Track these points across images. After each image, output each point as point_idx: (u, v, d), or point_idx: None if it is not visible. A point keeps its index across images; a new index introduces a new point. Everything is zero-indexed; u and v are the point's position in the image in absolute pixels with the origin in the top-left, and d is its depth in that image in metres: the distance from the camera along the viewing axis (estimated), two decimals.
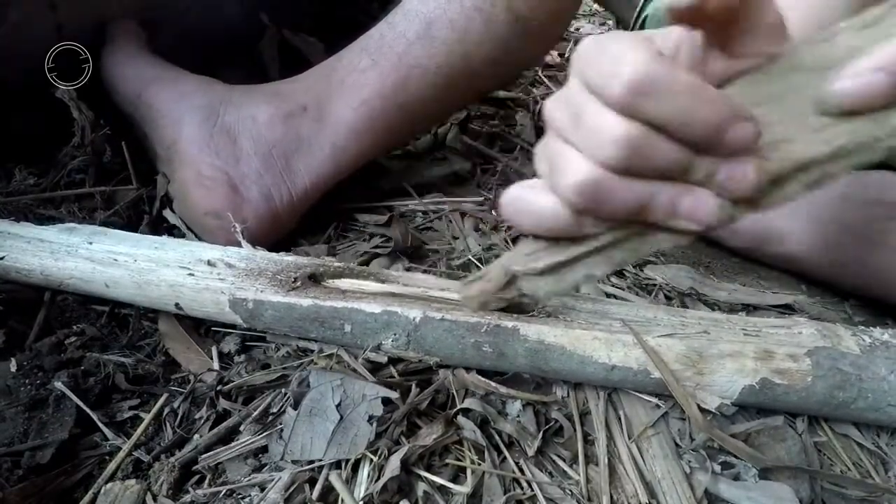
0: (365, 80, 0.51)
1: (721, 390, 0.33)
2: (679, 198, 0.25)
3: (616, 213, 0.26)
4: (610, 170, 0.25)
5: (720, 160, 0.25)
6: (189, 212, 0.49)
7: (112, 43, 0.55)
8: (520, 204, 0.29)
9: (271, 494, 0.30)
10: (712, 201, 0.25)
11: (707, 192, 0.25)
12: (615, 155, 0.24)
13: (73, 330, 0.39)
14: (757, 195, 0.25)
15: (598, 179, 0.25)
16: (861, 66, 0.23)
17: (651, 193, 0.25)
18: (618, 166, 0.25)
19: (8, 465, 0.31)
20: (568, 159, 0.26)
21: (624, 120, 0.24)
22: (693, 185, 0.25)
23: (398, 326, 0.35)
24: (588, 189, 0.25)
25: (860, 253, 0.48)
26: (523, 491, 0.31)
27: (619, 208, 0.26)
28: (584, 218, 0.27)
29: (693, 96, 0.23)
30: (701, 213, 0.26)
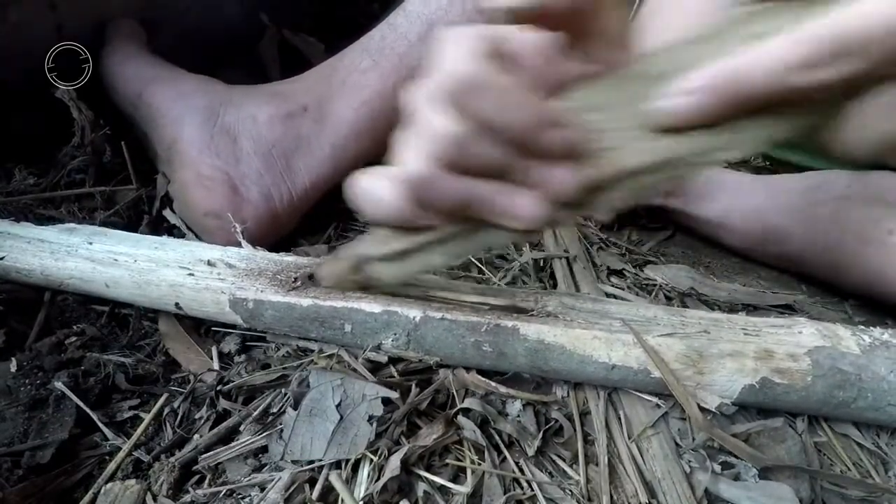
0: (366, 81, 0.51)
1: (721, 390, 0.33)
2: (501, 196, 0.27)
3: (443, 207, 0.27)
4: (438, 165, 0.26)
5: (543, 163, 0.26)
6: (189, 212, 0.49)
7: (112, 43, 0.55)
8: (362, 191, 0.29)
9: (271, 494, 0.30)
10: (534, 202, 0.26)
11: (530, 192, 0.26)
12: (441, 151, 0.26)
13: (73, 330, 0.39)
14: (580, 199, 0.26)
15: (423, 174, 0.26)
16: (679, 86, 0.24)
17: (474, 190, 0.27)
18: (445, 162, 0.26)
19: (8, 465, 0.31)
20: (404, 151, 0.27)
21: (448, 117, 0.25)
22: (518, 185, 0.26)
23: (398, 326, 0.35)
24: (416, 182, 0.27)
25: (860, 253, 0.48)
26: (523, 491, 0.31)
27: (445, 203, 0.27)
28: (419, 209, 0.28)
29: (508, 99, 0.24)
30: (523, 212, 0.27)
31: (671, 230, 0.63)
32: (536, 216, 0.26)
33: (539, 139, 0.25)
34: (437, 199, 0.27)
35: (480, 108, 0.24)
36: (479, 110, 0.24)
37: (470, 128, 0.25)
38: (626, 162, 0.26)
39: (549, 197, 0.26)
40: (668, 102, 0.24)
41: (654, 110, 0.24)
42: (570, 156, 0.26)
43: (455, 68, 0.24)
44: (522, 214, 0.27)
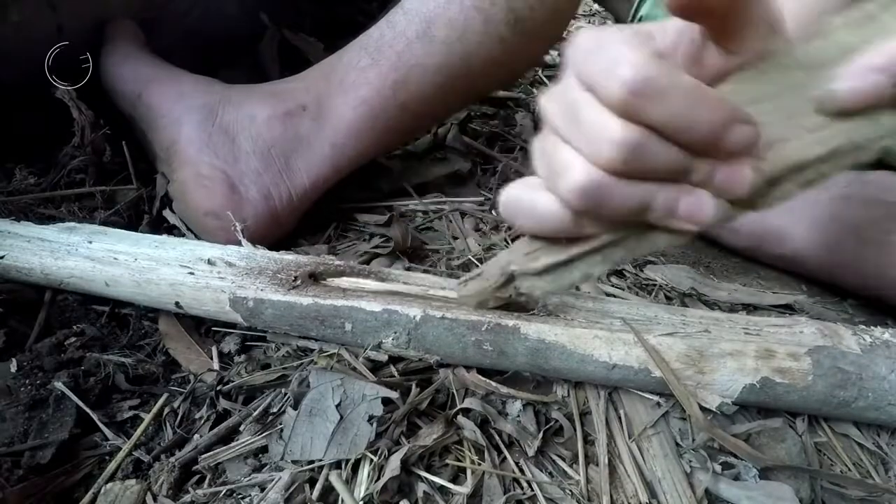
0: (365, 79, 0.51)
1: (722, 389, 0.33)
2: (677, 199, 0.26)
3: (615, 214, 0.26)
4: (609, 172, 0.25)
5: (718, 161, 0.25)
6: (189, 212, 0.49)
7: (112, 43, 0.55)
8: (519, 204, 0.28)
9: (271, 494, 0.30)
10: (710, 202, 0.25)
11: (705, 192, 0.25)
12: (615, 158, 0.24)
13: (73, 330, 0.39)
14: (753, 195, 0.25)
15: (597, 182, 0.25)
16: (859, 65, 0.23)
17: (650, 195, 0.25)
18: (617, 169, 0.24)
19: (8, 465, 0.31)
20: (566, 160, 0.26)
21: (623, 122, 0.24)
22: (691, 185, 0.25)
23: (398, 325, 0.35)
24: (588, 192, 0.25)
25: (860, 253, 0.48)
26: (523, 491, 0.31)
27: (619, 210, 0.26)
28: (584, 219, 0.27)
29: (693, 99, 0.23)
30: (699, 213, 0.26)
31: None
32: (713, 216, 0.26)
33: (725, 138, 0.24)
34: (612, 208, 0.26)
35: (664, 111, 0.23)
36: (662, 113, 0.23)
37: (650, 132, 0.24)
38: (798, 153, 0.25)
39: (725, 195, 0.25)
40: (846, 83, 0.23)
41: (828, 94, 0.23)
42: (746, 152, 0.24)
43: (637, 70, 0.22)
44: (699, 216, 0.26)
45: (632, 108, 0.23)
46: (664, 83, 0.23)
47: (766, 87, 0.26)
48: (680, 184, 0.25)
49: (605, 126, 0.24)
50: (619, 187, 0.25)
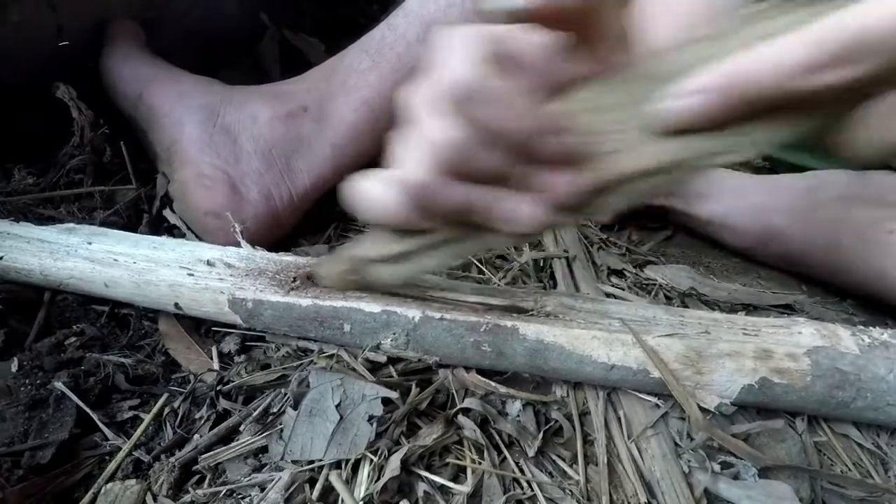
0: (365, 81, 0.51)
1: (720, 390, 0.33)
2: (500, 202, 0.27)
3: (443, 212, 0.27)
4: (438, 170, 0.26)
5: (542, 168, 0.26)
6: (189, 212, 0.49)
7: (112, 43, 0.55)
8: (361, 194, 0.29)
9: (271, 494, 0.30)
10: (532, 207, 0.26)
11: (529, 197, 0.26)
12: (442, 157, 0.25)
13: (73, 330, 0.39)
14: (581, 202, 0.26)
15: (422, 181, 0.26)
16: (684, 86, 0.23)
17: (472, 196, 0.27)
18: (445, 168, 0.26)
19: (8, 465, 0.31)
20: (402, 154, 0.27)
21: (450, 123, 0.25)
22: (517, 190, 0.26)
23: (397, 326, 0.35)
24: (412, 187, 0.26)
25: (860, 253, 0.48)
26: (523, 491, 0.31)
27: (446, 208, 0.27)
28: (418, 213, 0.28)
29: (509, 106, 0.24)
30: (518, 217, 0.26)
31: (671, 230, 0.63)
32: (536, 221, 0.26)
33: (539, 146, 0.25)
34: (438, 205, 0.27)
35: (481, 115, 0.24)
36: (480, 117, 0.24)
37: (471, 134, 0.25)
38: (629, 165, 0.26)
39: (550, 202, 0.26)
40: (672, 104, 0.24)
41: (659, 111, 0.24)
42: (570, 161, 0.25)
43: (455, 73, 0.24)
44: (522, 219, 0.26)
45: (452, 108, 0.24)
46: (480, 88, 0.24)
47: (611, 97, 0.26)
48: (505, 188, 0.26)
49: (434, 125, 0.25)
50: (444, 186, 0.26)
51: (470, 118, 0.24)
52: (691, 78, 0.23)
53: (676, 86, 0.23)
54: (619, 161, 0.26)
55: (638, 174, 0.26)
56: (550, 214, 0.26)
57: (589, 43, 0.27)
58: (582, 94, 0.27)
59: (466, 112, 0.24)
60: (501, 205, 0.27)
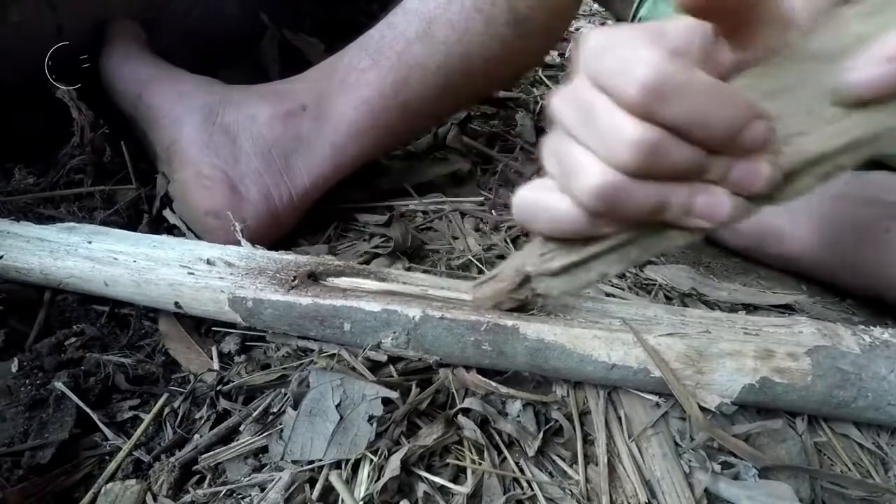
0: (365, 80, 0.51)
1: (721, 389, 0.33)
2: (694, 197, 0.25)
3: (631, 215, 0.26)
4: (626, 173, 0.24)
5: (734, 158, 0.25)
6: (189, 211, 0.49)
7: (112, 43, 0.55)
8: (533, 207, 0.28)
9: (271, 494, 0.30)
10: (727, 199, 0.25)
11: (722, 189, 0.25)
12: (631, 158, 0.24)
13: (73, 330, 0.39)
14: (771, 190, 0.25)
15: (613, 183, 0.25)
16: (873, 55, 0.22)
17: (666, 194, 0.25)
18: (634, 170, 0.24)
19: (8, 465, 0.31)
20: (581, 162, 0.25)
21: (639, 122, 0.23)
22: (707, 183, 0.25)
23: (398, 325, 0.35)
24: (604, 194, 0.25)
25: (860, 252, 0.48)
26: (523, 491, 0.31)
27: (635, 211, 0.25)
28: (599, 220, 0.27)
29: (710, 97, 0.23)
30: (716, 211, 0.25)
31: None
32: (731, 213, 0.25)
33: (742, 135, 0.23)
34: (627, 208, 0.25)
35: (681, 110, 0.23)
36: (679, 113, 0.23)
37: (664, 132, 0.23)
38: (816, 146, 0.24)
39: (743, 192, 0.25)
40: (860, 74, 0.23)
41: (844, 84, 0.23)
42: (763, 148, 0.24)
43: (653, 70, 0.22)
44: (719, 212, 0.25)
45: (648, 107, 0.23)
46: (680, 81, 0.22)
47: (782, 81, 0.25)
48: (696, 182, 0.25)
49: (620, 127, 0.24)
50: (635, 188, 0.25)
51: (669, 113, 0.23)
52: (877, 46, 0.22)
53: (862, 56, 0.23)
54: (806, 143, 0.25)
55: (827, 154, 0.25)
56: (743, 205, 0.25)
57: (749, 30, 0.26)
58: (747, 80, 0.26)
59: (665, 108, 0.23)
60: (694, 200, 0.25)
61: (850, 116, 0.24)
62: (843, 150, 0.24)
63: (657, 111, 0.23)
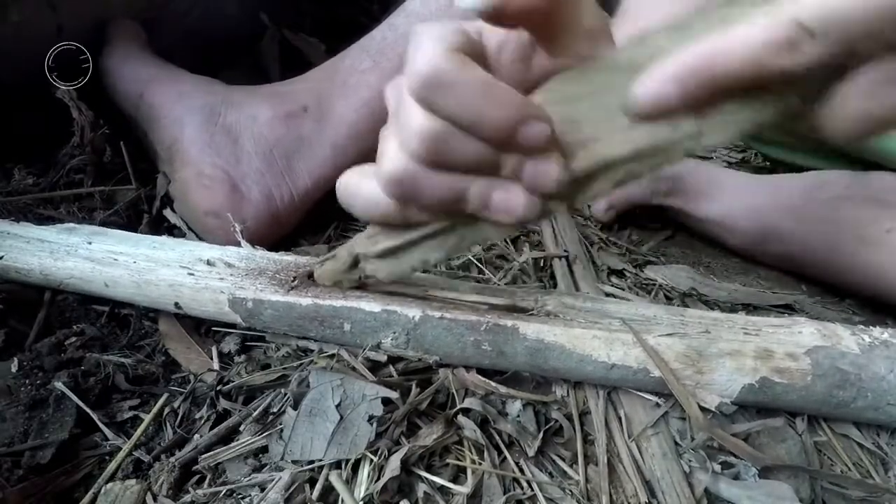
0: (366, 81, 0.51)
1: (721, 389, 0.33)
2: (489, 192, 0.27)
3: (431, 204, 0.27)
4: (419, 162, 0.26)
5: (526, 157, 0.26)
6: (190, 212, 0.49)
7: (112, 43, 0.55)
8: (350, 189, 0.29)
9: (271, 494, 0.30)
10: (521, 196, 0.26)
11: (516, 186, 0.26)
12: (418, 147, 0.25)
13: (73, 330, 0.39)
14: (566, 191, 0.26)
15: (408, 171, 0.26)
16: (654, 74, 0.23)
17: (462, 187, 0.26)
18: (424, 159, 0.26)
19: (8, 465, 0.31)
20: (387, 148, 0.27)
21: (425, 113, 0.25)
22: (504, 179, 0.26)
23: (397, 325, 0.35)
24: (399, 180, 0.26)
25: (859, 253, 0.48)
26: (523, 491, 0.31)
27: (433, 199, 0.27)
28: (407, 207, 0.28)
29: (482, 94, 0.24)
30: (511, 206, 0.27)
31: (671, 230, 0.63)
32: (525, 210, 0.26)
33: (518, 133, 0.25)
34: (424, 196, 0.27)
35: (455, 103, 0.24)
36: (453, 106, 0.24)
37: (446, 124, 0.25)
38: (608, 152, 0.26)
39: (536, 190, 0.26)
40: (644, 90, 0.24)
41: (631, 98, 0.24)
42: (551, 148, 0.25)
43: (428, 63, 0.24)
44: (511, 209, 0.27)
45: (426, 98, 0.24)
46: (453, 77, 0.23)
47: (584, 88, 0.26)
48: (493, 177, 0.26)
49: (410, 116, 0.25)
50: (429, 177, 0.26)
51: (445, 106, 0.24)
52: (663, 63, 0.23)
53: (648, 72, 0.23)
54: (600, 148, 0.26)
55: (619, 160, 0.26)
56: (538, 202, 0.26)
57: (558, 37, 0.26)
58: (554, 84, 0.27)
59: (441, 100, 0.24)
60: (488, 193, 0.27)
61: (638, 128, 0.25)
62: (631, 158, 0.26)
63: (434, 102, 0.24)
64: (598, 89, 0.26)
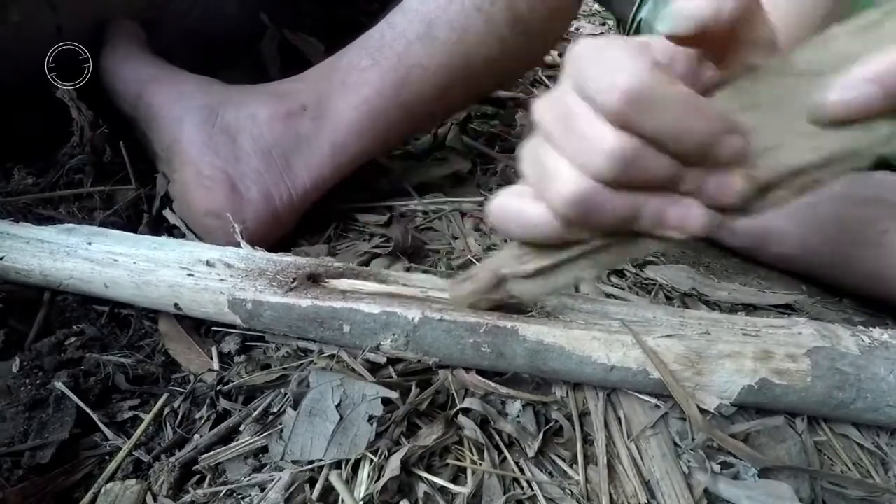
0: (365, 80, 0.51)
1: (720, 390, 0.33)
2: (667, 208, 0.26)
3: (605, 223, 0.26)
4: (601, 182, 0.25)
5: (708, 170, 0.25)
6: (189, 212, 0.49)
7: (112, 43, 0.55)
8: (509, 213, 0.29)
9: (271, 494, 0.30)
10: (700, 211, 0.26)
11: (694, 202, 0.26)
12: (607, 168, 0.24)
13: (73, 330, 0.39)
14: (745, 202, 0.26)
15: (588, 192, 0.25)
16: (853, 76, 0.23)
17: (640, 205, 0.26)
18: (609, 179, 0.25)
19: (8, 465, 0.31)
20: (557, 168, 0.26)
21: (618, 132, 0.24)
22: (681, 194, 0.26)
23: (397, 327, 0.35)
24: (578, 202, 0.25)
25: (860, 253, 0.48)
26: (523, 491, 0.31)
27: (608, 220, 0.26)
28: (573, 226, 0.27)
29: (687, 110, 0.23)
30: (689, 222, 0.26)
31: None
32: (704, 225, 0.26)
33: (716, 148, 0.24)
34: (602, 217, 0.26)
35: (658, 120, 0.23)
36: (656, 123, 0.23)
37: (642, 142, 0.24)
38: (790, 161, 0.25)
39: (716, 204, 0.26)
40: (836, 94, 0.23)
41: (821, 104, 0.23)
42: (738, 161, 0.25)
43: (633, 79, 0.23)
44: (692, 224, 0.26)
45: (627, 116, 0.23)
46: (660, 92, 0.23)
47: (761, 95, 0.26)
48: (669, 193, 0.26)
49: (598, 135, 0.24)
50: (609, 197, 0.25)
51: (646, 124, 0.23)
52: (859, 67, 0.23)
53: (844, 76, 0.23)
54: (781, 157, 0.25)
55: (801, 169, 0.25)
56: (717, 216, 0.26)
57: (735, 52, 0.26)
58: (728, 94, 0.26)
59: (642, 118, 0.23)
60: (667, 210, 0.26)
61: (827, 133, 0.24)
62: (818, 166, 0.25)
63: (636, 120, 0.23)
64: (776, 96, 0.25)
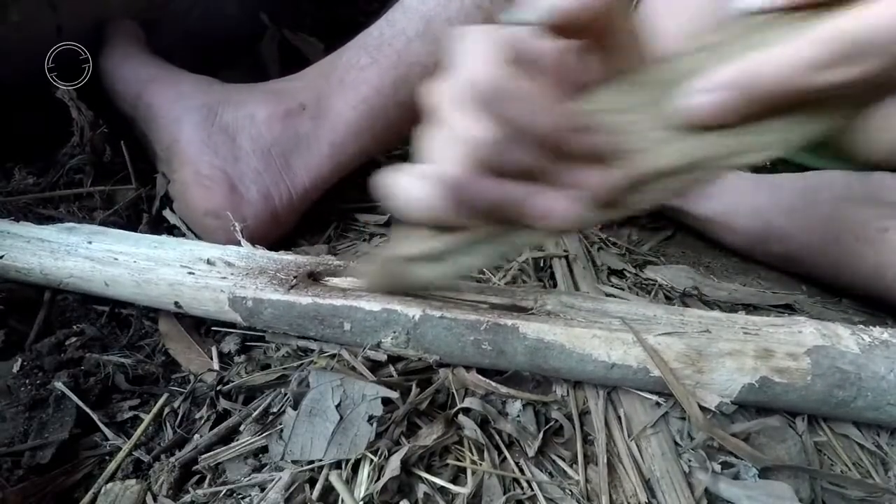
0: (364, 78, 0.51)
1: (721, 389, 0.33)
2: (535, 198, 0.27)
3: (480, 208, 0.28)
4: (472, 167, 0.26)
5: (575, 165, 0.26)
6: (189, 212, 0.49)
7: (112, 43, 0.55)
8: (397, 190, 0.29)
9: (271, 494, 0.30)
10: (567, 203, 0.27)
11: (564, 194, 0.27)
12: (475, 153, 0.26)
13: (73, 330, 0.39)
14: (611, 199, 0.27)
15: (461, 175, 0.27)
16: (703, 83, 0.24)
17: (510, 193, 0.27)
18: (478, 164, 0.26)
19: (8, 465, 0.31)
20: (437, 150, 0.28)
21: (479, 120, 0.25)
22: (552, 187, 0.27)
23: (397, 324, 0.35)
24: (450, 182, 0.27)
25: (859, 252, 0.48)
26: (523, 491, 0.31)
27: (483, 204, 0.27)
28: (454, 210, 0.28)
29: (532, 106, 0.25)
30: (558, 213, 0.27)
31: (671, 230, 0.63)
32: (569, 217, 0.27)
33: (568, 143, 0.25)
34: (475, 201, 0.27)
35: (511, 112, 0.25)
36: (510, 115, 0.25)
37: (504, 132, 0.25)
38: (655, 163, 0.26)
39: (583, 197, 0.27)
40: (692, 100, 0.24)
41: (679, 109, 0.25)
42: (599, 158, 0.26)
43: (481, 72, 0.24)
44: (556, 216, 0.27)
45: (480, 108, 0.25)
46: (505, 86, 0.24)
47: (629, 98, 0.27)
48: (539, 184, 0.27)
49: (464, 122, 0.26)
50: (480, 183, 0.27)
51: (500, 116, 0.25)
52: (712, 74, 0.24)
53: (698, 82, 0.24)
54: (647, 158, 0.26)
55: (665, 171, 0.26)
56: (582, 210, 0.27)
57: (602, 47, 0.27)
58: (600, 95, 0.28)
59: (496, 110, 0.25)
60: (535, 200, 0.27)
61: (688, 138, 0.26)
62: (681, 170, 0.26)
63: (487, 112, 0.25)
64: (644, 100, 0.27)
